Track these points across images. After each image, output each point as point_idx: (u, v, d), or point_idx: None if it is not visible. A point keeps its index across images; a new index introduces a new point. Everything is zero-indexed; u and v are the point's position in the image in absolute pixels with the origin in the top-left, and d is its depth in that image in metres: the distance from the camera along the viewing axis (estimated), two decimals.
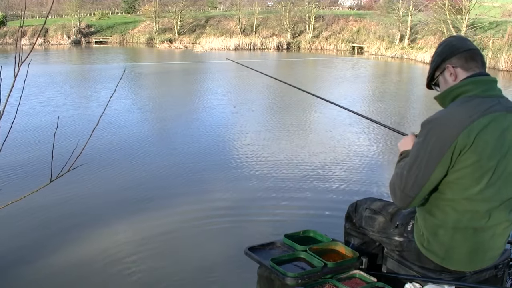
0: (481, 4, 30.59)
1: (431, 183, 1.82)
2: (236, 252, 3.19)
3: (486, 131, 1.76)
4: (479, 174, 1.79)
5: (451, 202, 1.85)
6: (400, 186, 1.86)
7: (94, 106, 13.35)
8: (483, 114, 1.77)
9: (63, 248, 5.03)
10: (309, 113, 13.08)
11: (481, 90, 1.85)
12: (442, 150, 1.77)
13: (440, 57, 1.98)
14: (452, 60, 1.94)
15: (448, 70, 1.94)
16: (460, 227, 1.86)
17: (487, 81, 1.88)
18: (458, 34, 2.09)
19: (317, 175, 7.46)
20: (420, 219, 1.97)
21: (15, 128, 1.67)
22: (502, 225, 1.91)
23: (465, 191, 1.82)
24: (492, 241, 1.91)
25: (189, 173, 7.51)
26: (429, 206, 1.93)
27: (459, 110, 1.81)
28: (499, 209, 1.86)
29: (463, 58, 1.92)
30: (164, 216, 5.87)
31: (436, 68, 2.00)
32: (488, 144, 1.77)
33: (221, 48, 36.98)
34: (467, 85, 1.87)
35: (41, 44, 38.90)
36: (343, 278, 2.17)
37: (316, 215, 5.88)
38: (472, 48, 1.94)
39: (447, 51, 1.96)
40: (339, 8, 48.49)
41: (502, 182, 1.83)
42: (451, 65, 1.94)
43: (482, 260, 1.95)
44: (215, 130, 10.60)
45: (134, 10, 47.03)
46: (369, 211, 2.28)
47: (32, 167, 7.53)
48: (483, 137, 1.76)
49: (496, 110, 1.80)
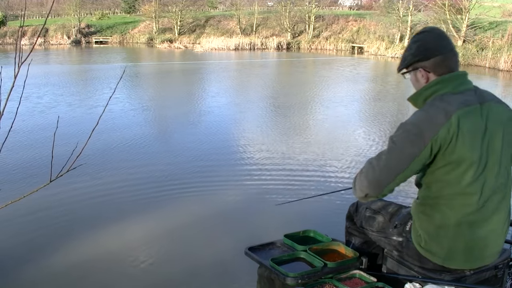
0: (481, 4, 30.61)
1: (405, 175, 1.81)
2: (236, 252, 3.19)
3: (464, 125, 1.78)
4: (464, 168, 1.80)
5: (443, 199, 1.86)
6: (374, 173, 1.83)
7: (94, 106, 13.35)
8: (458, 109, 1.78)
9: (64, 248, 5.03)
10: (310, 114, 13.08)
11: (452, 86, 1.86)
12: (417, 149, 1.77)
13: (413, 58, 1.94)
14: (425, 63, 1.90)
15: (420, 72, 1.93)
16: (454, 223, 1.86)
17: (457, 76, 1.88)
18: (434, 29, 1.98)
19: (317, 175, 7.46)
20: (415, 219, 1.98)
21: (15, 128, 1.66)
22: (497, 218, 1.91)
23: (454, 187, 1.83)
24: (489, 236, 1.91)
25: (188, 173, 7.51)
26: (422, 206, 1.94)
27: (434, 109, 1.82)
28: (490, 200, 1.87)
29: (436, 63, 1.88)
30: (163, 217, 5.88)
31: (408, 65, 1.97)
32: (468, 137, 1.79)
33: (221, 48, 36.98)
34: (437, 84, 1.88)
35: (41, 44, 38.90)
36: (343, 278, 2.17)
37: (316, 215, 5.88)
38: (446, 51, 1.89)
39: (421, 54, 1.91)
40: (339, 8, 48.49)
41: (487, 173, 1.85)
42: (424, 68, 1.91)
43: (482, 257, 1.94)
44: (215, 130, 10.60)
45: (134, 10, 47.04)
46: (369, 211, 2.28)
47: (32, 167, 7.53)
48: (463, 131, 1.77)
49: (471, 103, 1.82)
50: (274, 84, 19.96)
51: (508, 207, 1.96)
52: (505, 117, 1.90)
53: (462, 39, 28.58)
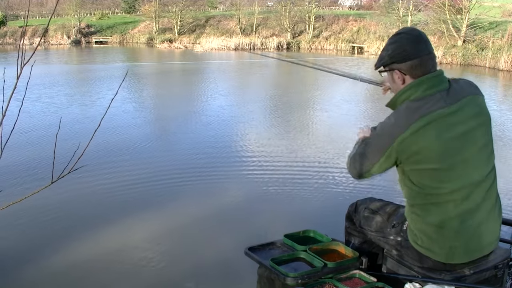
0: (481, 4, 30.59)
1: (379, 169, 1.95)
2: (236, 252, 3.20)
3: (427, 131, 1.81)
4: (436, 169, 1.85)
5: (428, 200, 1.90)
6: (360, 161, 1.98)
7: (95, 106, 13.35)
8: (421, 117, 1.82)
9: (64, 248, 5.03)
10: (310, 114, 13.09)
11: (423, 89, 1.87)
12: (381, 149, 1.89)
13: (389, 59, 1.95)
14: (401, 66, 1.91)
15: (396, 74, 1.94)
16: (446, 220, 1.89)
17: (430, 78, 1.89)
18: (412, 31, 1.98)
19: (317, 175, 7.46)
20: (409, 220, 2.01)
21: (17, 129, 1.67)
22: (484, 208, 1.92)
23: (434, 188, 1.88)
24: (482, 226, 1.92)
25: (188, 173, 7.51)
26: (412, 207, 1.97)
27: (398, 116, 1.89)
28: (475, 192, 1.89)
29: (412, 66, 1.89)
30: (163, 217, 5.88)
31: (385, 65, 1.98)
32: (433, 145, 1.82)
33: (221, 48, 36.96)
34: (410, 88, 1.90)
35: (41, 44, 38.86)
36: (343, 278, 2.18)
37: (316, 215, 5.89)
38: (423, 55, 1.89)
39: (398, 56, 1.91)
40: (339, 8, 48.46)
41: (467, 167, 1.88)
42: (400, 71, 1.92)
43: (481, 248, 1.96)
44: (216, 130, 10.60)
45: (134, 10, 47.01)
46: (367, 211, 2.29)
47: (34, 168, 7.53)
48: (426, 137, 1.82)
49: (438, 108, 1.84)
50: (274, 84, 19.96)
51: (495, 196, 1.98)
52: (479, 110, 1.92)
53: (462, 39, 28.56)
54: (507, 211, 5.42)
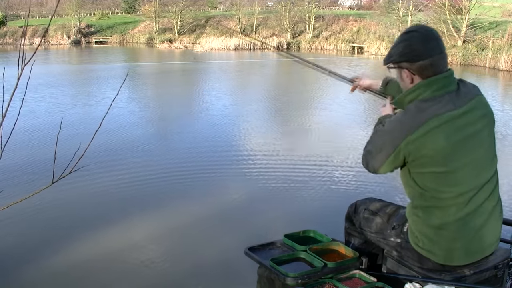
0: (481, 4, 30.59)
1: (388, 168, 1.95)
2: (236, 252, 3.19)
3: (433, 137, 1.80)
4: (443, 171, 1.84)
5: (431, 202, 1.89)
6: (370, 159, 2.01)
7: (96, 107, 13.35)
8: (429, 119, 1.80)
9: (64, 248, 5.03)
10: (310, 114, 13.08)
11: (432, 90, 1.85)
12: (390, 148, 1.88)
13: (398, 58, 1.91)
14: (411, 66, 1.87)
15: (405, 72, 1.91)
16: (447, 223, 1.88)
17: (440, 79, 1.86)
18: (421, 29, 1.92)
19: (317, 175, 7.46)
20: (410, 222, 2.00)
21: (17, 130, 1.67)
22: (486, 210, 1.91)
23: (438, 190, 1.86)
24: (483, 228, 1.92)
25: (188, 173, 7.51)
26: (415, 209, 1.96)
27: (407, 116, 1.86)
28: (477, 196, 1.88)
29: (423, 67, 1.85)
30: (163, 217, 5.88)
31: (394, 63, 1.95)
32: (441, 148, 1.81)
33: (221, 48, 36.95)
34: (419, 88, 1.87)
35: (41, 44, 38.83)
36: (343, 278, 2.18)
37: (316, 215, 5.89)
38: (434, 54, 1.85)
39: (408, 55, 1.87)
40: (339, 8, 48.45)
41: (470, 170, 1.87)
42: (410, 70, 1.89)
43: (482, 250, 1.95)
44: (216, 130, 10.60)
45: (134, 10, 47.01)
46: (367, 212, 2.28)
47: (34, 169, 7.53)
48: (433, 139, 1.80)
49: (447, 110, 1.82)
50: (275, 84, 19.96)
51: (496, 197, 1.98)
52: (485, 110, 1.92)
53: (462, 39, 28.56)
54: (507, 211, 5.42)
